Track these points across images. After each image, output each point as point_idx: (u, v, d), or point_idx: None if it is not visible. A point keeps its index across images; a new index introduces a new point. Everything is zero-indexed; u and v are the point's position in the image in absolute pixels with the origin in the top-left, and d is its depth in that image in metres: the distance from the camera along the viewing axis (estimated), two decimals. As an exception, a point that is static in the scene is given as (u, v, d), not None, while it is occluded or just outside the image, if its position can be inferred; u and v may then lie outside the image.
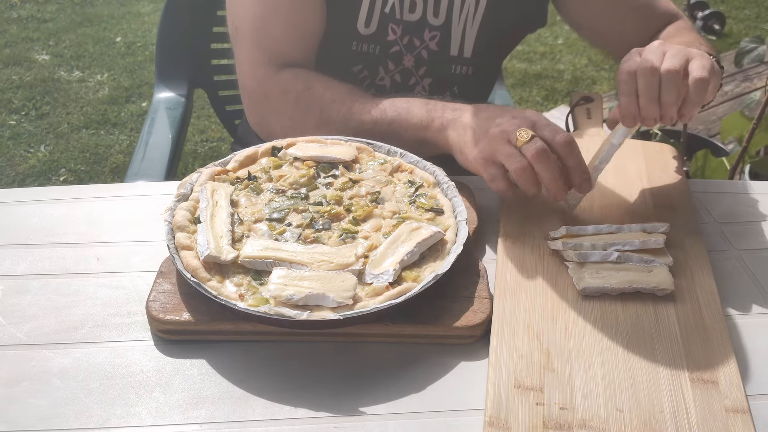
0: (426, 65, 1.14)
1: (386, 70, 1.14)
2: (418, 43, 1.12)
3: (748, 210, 0.99)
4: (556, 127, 0.87)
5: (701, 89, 0.84)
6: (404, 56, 1.13)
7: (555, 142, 0.85)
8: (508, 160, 0.86)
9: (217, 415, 0.69)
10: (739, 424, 0.67)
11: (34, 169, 2.68)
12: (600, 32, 1.21)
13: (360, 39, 1.11)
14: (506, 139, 0.86)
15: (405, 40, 1.12)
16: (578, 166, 0.87)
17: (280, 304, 0.74)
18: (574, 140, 0.86)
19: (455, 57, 1.15)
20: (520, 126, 0.86)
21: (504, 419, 0.67)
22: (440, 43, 1.13)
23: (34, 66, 3.36)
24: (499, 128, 0.88)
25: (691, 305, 0.80)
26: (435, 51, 1.13)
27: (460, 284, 0.81)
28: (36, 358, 0.74)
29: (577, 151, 0.86)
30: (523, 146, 0.84)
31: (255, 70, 1.06)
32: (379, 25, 1.10)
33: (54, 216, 0.95)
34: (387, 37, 1.11)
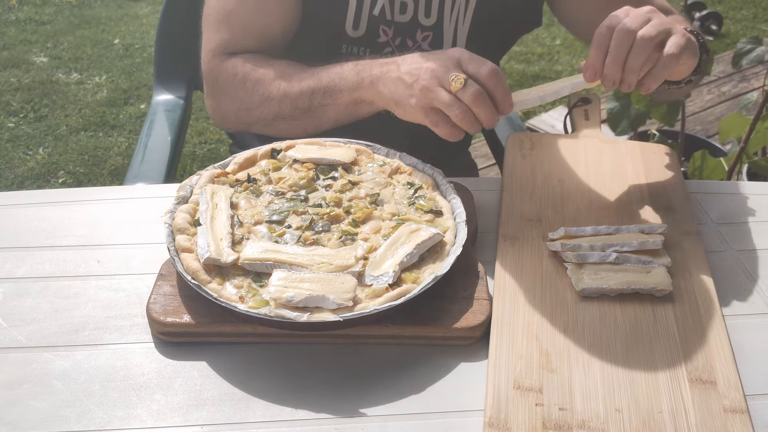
0: None
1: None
2: (411, 44, 1.13)
3: (746, 210, 0.99)
4: (480, 60, 0.88)
5: (668, 65, 0.84)
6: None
7: (481, 76, 0.86)
8: (448, 108, 0.86)
9: (217, 416, 0.69)
10: (737, 424, 0.67)
11: (33, 171, 2.68)
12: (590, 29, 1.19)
13: (350, 41, 1.12)
14: (440, 85, 0.87)
15: (397, 41, 1.12)
16: (504, 96, 0.87)
17: (280, 306, 0.74)
18: (498, 70, 0.87)
19: None
20: (447, 68, 0.87)
21: (504, 420, 0.67)
22: (433, 43, 1.13)
23: (32, 68, 3.36)
24: (429, 75, 0.88)
25: (689, 306, 0.80)
26: (427, 51, 1.13)
27: (460, 286, 0.81)
28: (37, 361, 0.75)
29: (503, 80, 0.87)
30: (459, 92, 0.85)
31: (210, 56, 1.10)
32: (369, 27, 1.10)
33: (54, 219, 0.95)
34: (378, 39, 1.11)
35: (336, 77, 0.99)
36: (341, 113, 0.99)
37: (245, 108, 1.06)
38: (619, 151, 1.08)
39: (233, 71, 1.07)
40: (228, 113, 1.10)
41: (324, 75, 1.00)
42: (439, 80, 0.87)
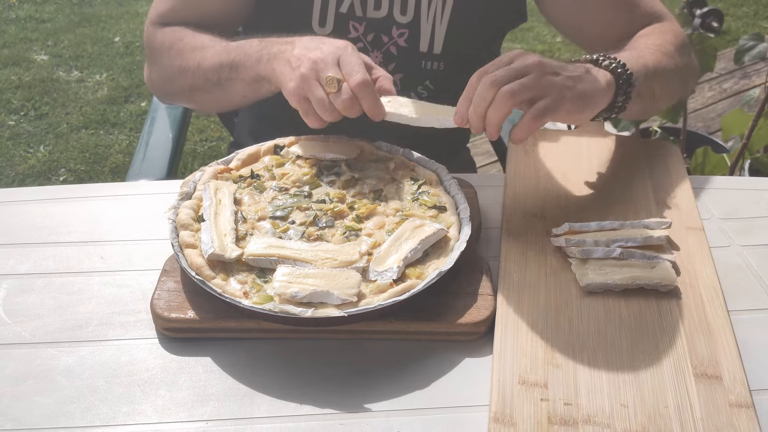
0: (396, 61, 1.14)
1: None
2: (386, 40, 1.12)
3: (750, 206, 0.99)
4: (355, 66, 0.87)
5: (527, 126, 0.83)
6: (370, 53, 1.12)
7: (350, 83, 0.86)
8: (319, 107, 0.87)
9: (222, 412, 0.69)
10: (743, 419, 0.67)
11: (34, 169, 2.68)
12: (578, 31, 1.18)
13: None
14: (316, 79, 0.88)
15: (370, 37, 1.12)
16: (372, 108, 0.88)
17: (284, 301, 0.74)
18: (368, 82, 0.87)
19: (425, 53, 1.14)
20: (327, 64, 0.87)
21: (509, 415, 0.67)
22: (409, 39, 1.12)
23: (32, 66, 3.36)
24: (310, 66, 0.88)
25: (693, 301, 0.80)
26: (404, 47, 1.13)
27: (464, 281, 0.81)
28: (41, 357, 0.74)
29: (370, 92, 0.87)
30: (332, 95, 0.86)
31: (147, 26, 1.13)
32: (336, 24, 1.10)
33: (57, 215, 0.95)
34: (348, 35, 1.11)
35: (241, 53, 0.99)
36: (246, 89, 1.00)
37: (167, 76, 1.09)
38: (622, 146, 1.08)
39: (162, 39, 1.09)
40: (156, 81, 1.13)
41: (233, 49, 1.01)
42: (318, 74, 0.88)
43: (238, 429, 0.68)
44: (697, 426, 0.67)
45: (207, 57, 1.03)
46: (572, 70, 0.87)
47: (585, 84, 0.86)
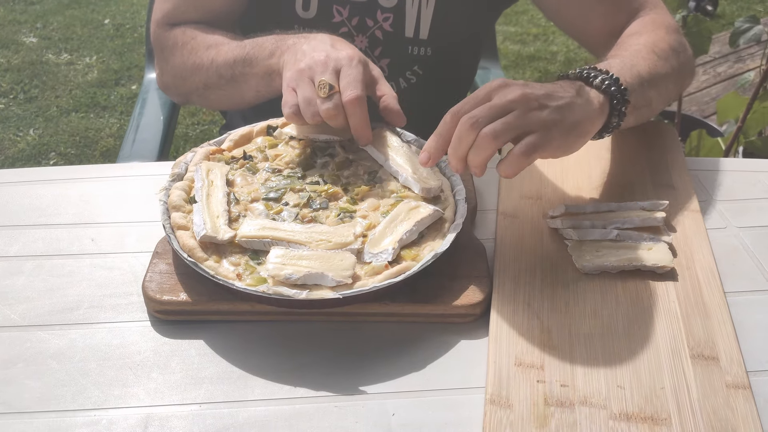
0: (381, 45, 1.12)
1: None
2: (371, 24, 1.10)
3: (747, 188, 0.99)
4: (353, 81, 0.85)
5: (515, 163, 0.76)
6: (355, 37, 1.11)
7: (344, 97, 0.84)
8: (303, 103, 0.85)
9: (216, 395, 0.69)
10: (740, 400, 0.67)
11: (24, 152, 2.65)
12: (565, 18, 1.16)
13: (301, 23, 1.10)
14: (310, 78, 0.86)
15: (354, 21, 1.10)
16: (359, 128, 0.86)
17: (278, 283, 0.73)
18: (361, 100, 0.84)
19: (411, 38, 1.12)
20: (325, 68, 0.86)
21: (505, 397, 0.67)
22: (394, 24, 1.11)
23: (21, 49, 3.32)
24: (309, 64, 0.87)
25: (690, 282, 0.80)
26: (390, 32, 1.11)
27: (460, 263, 0.80)
28: (31, 340, 0.73)
29: (361, 111, 0.85)
30: (320, 100, 0.84)
31: (154, 27, 1.11)
32: (320, 8, 1.09)
33: (47, 197, 0.94)
34: (332, 20, 1.09)
35: (255, 47, 0.98)
36: (260, 84, 0.98)
37: (181, 76, 1.08)
38: (617, 132, 1.06)
39: (174, 40, 1.08)
40: (169, 82, 1.12)
41: (247, 44, 1.00)
42: (314, 74, 0.86)
43: (231, 412, 0.67)
44: (694, 407, 0.66)
45: (221, 53, 1.02)
46: (561, 95, 0.79)
47: (575, 113, 0.79)
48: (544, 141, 0.76)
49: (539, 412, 0.66)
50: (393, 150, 0.90)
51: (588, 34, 1.14)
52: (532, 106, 0.77)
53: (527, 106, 0.76)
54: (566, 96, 0.80)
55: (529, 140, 0.75)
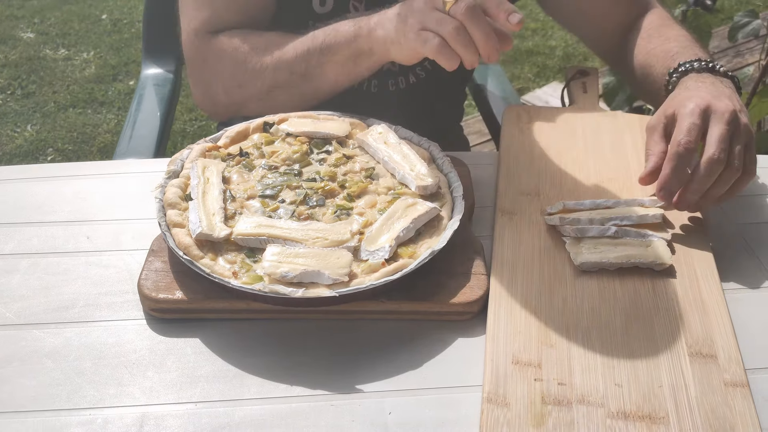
0: None
1: None
2: None
3: (746, 184, 0.98)
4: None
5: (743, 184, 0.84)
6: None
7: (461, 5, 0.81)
8: (439, 25, 0.82)
9: (211, 393, 0.68)
10: (738, 398, 0.67)
11: (21, 148, 2.64)
12: (574, 16, 1.17)
13: (316, 18, 1.08)
14: (433, 7, 0.84)
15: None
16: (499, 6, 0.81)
17: (274, 281, 0.73)
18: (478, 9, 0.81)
19: None
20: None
21: (502, 395, 0.67)
22: None
23: (19, 44, 3.30)
24: (420, 3, 0.85)
25: (689, 279, 0.79)
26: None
27: (457, 260, 0.80)
28: (26, 339, 0.73)
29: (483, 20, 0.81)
30: (452, 8, 0.81)
31: (193, 38, 1.05)
32: (336, 2, 1.06)
33: (42, 194, 0.93)
34: (348, 15, 1.08)
35: (332, 33, 0.96)
36: (340, 72, 0.96)
37: (237, 85, 1.02)
38: (617, 124, 1.06)
39: (221, 48, 1.03)
40: (218, 95, 1.06)
41: (319, 34, 0.97)
42: (433, 2, 0.83)
43: (227, 411, 0.67)
44: (692, 405, 0.66)
45: (287, 50, 0.98)
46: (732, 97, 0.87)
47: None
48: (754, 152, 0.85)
49: (536, 411, 0.65)
50: (390, 147, 0.90)
51: (595, 31, 1.16)
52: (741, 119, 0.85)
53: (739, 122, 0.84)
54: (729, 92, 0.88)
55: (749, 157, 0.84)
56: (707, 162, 0.81)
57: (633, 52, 1.08)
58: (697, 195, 0.82)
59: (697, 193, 0.82)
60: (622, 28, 1.13)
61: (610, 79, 1.90)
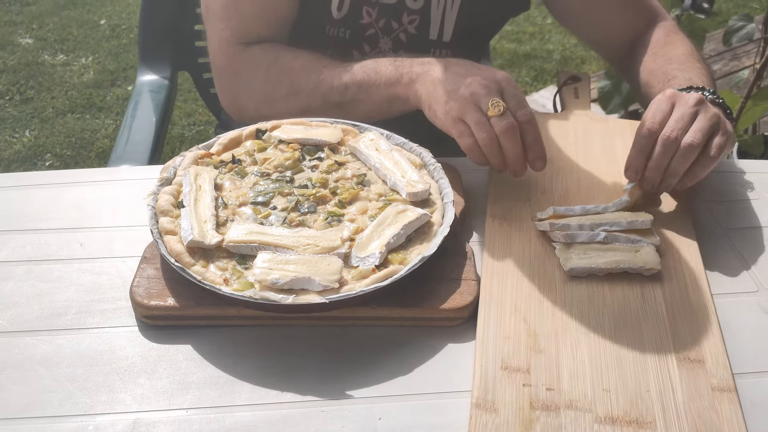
0: (404, 48, 1.13)
1: (362, 52, 1.12)
2: (396, 26, 1.11)
3: (736, 189, 0.99)
4: (522, 99, 0.87)
5: (708, 166, 0.86)
6: (380, 39, 1.11)
7: (517, 117, 0.85)
8: (477, 127, 0.85)
9: (203, 400, 0.69)
10: (725, 403, 0.67)
11: (20, 154, 2.65)
12: (582, 23, 1.19)
13: (333, 23, 1.10)
14: (476, 104, 0.86)
15: (381, 23, 1.10)
16: (535, 144, 0.87)
17: (265, 288, 0.73)
18: (534, 118, 0.86)
19: (434, 41, 1.13)
20: (489, 91, 0.86)
21: (491, 401, 0.67)
22: (419, 26, 1.11)
23: (17, 50, 3.31)
24: (469, 90, 0.87)
25: (678, 285, 0.80)
26: (414, 35, 1.12)
27: (447, 266, 0.80)
28: (19, 346, 0.74)
29: (536, 129, 0.87)
30: (493, 119, 0.84)
31: (225, 48, 1.06)
32: (351, 8, 1.08)
33: (36, 201, 0.94)
34: (361, 20, 1.09)
35: (372, 72, 0.98)
36: (373, 110, 0.98)
37: (268, 101, 1.04)
38: (608, 129, 1.07)
39: (254, 63, 1.04)
40: (246, 106, 1.06)
41: (358, 70, 0.99)
42: (477, 100, 0.86)
43: (218, 417, 0.67)
44: (679, 410, 0.67)
45: (324, 79, 1.00)
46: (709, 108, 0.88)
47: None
48: (724, 139, 0.86)
49: (525, 416, 0.66)
50: (381, 153, 0.90)
51: (604, 39, 1.19)
52: (709, 108, 0.87)
53: (707, 108, 0.86)
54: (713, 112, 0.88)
55: (717, 142, 0.85)
56: (662, 139, 0.84)
57: (639, 68, 1.10)
58: (657, 172, 0.85)
59: (656, 170, 0.85)
60: (628, 37, 1.15)
61: (606, 83, 1.91)
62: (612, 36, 1.17)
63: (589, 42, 1.25)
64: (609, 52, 1.22)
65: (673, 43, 1.10)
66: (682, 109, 0.86)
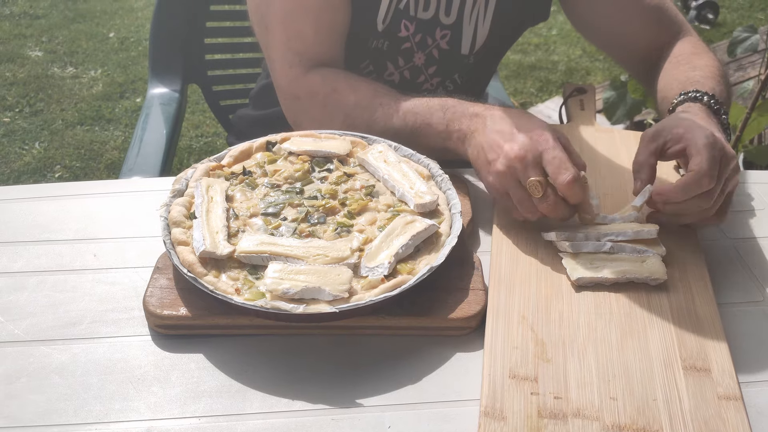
0: (436, 64, 1.14)
1: (396, 66, 1.14)
2: (430, 42, 1.12)
3: (741, 199, 0.99)
4: (562, 162, 0.82)
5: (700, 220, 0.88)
6: (415, 53, 1.13)
7: (558, 184, 0.83)
8: (520, 206, 0.86)
9: (215, 408, 0.70)
10: (731, 411, 0.68)
11: (29, 166, 2.68)
12: (607, 35, 1.19)
13: (376, 35, 1.11)
14: (516, 179, 0.85)
15: (417, 37, 1.12)
16: (582, 205, 0.86)
17: (276, 297, 0.75)
18: (577, 179, 0.82)
19: (466, 55, 1.15)
20: (525, 164, 0.83)
21: (499, 409, 0.68)
22: (451, 41, 1.13)
23: (27, 63, 3.35)
24: (505, 164, 0.85)
25: (684, 294, 0.81)
26: (445, 50, 1.13)
27: (455, 276, 0.81)
28: (34, 355, 0.75)
29: (579, 189, 0.83)
30: (536, 200, 0.84)
31: (287, 71, 1.07)
32: (393, 20, 1.10)
33: (49, 213, 0.95)
34: (399, 33, 1.11)
35: (423, 122, 0.97)
36: (429, 152, 0.97)
37: (322, 125, 1.04)
38: (614, 140, 1.08)
39: (312, 90, 1.05)
40: (302, 127, 1.06)
41: (410, 116, 0.98)
42: (517, 174, 0.85)
43: (230, 425, 0.68)
44: (686, 418, 0.67)
45: (377, 117, 1.00)
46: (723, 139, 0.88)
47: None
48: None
49: (533, 425, 0.66)
50: (390, 165, 0.92)
51: (629, 51, 1.18)
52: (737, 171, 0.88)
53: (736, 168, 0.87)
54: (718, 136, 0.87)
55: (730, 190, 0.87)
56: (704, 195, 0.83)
57: (660, 75, 1.09)
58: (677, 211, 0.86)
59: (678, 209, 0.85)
60: (652, 51, 1.14)
61: (611, 93, 1.92)
62: (637, 49, 1.16)
63: (611, 54, 1.24)
64: (633, 65, 1.20)
65: (698, 54, 1.09)
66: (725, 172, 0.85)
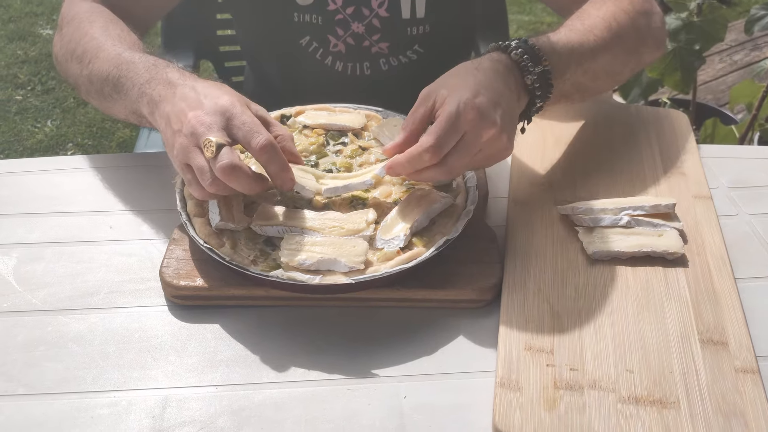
0: (379, 32, 1.12)
1: (336, 37, 1.12)
2: (367, 12, 1.10)
3: (758, 175, 0.99)
4: (254, 126, 0.75)
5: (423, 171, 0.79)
6: (352, 24, 1.11)
7: (251, 149, 0.75)
8: (199, 174, 0.74)
9: (232, 377, 0.70)
10: (748, 384, 0.68)
11: (42, 143, 2.68)
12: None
13: (300, 10, 1.09)
14: (196, 145, 0.74)
15: (349, 10, 1.09)
16: (279, 173, 0.76)
17: (292, 269, 0.75)
18: (272, 143, 0.75)
19: (408, 20, 1.12)
20: (209, 127, 0.74)
21: (515, 380, 0.68)
22: (390, 8, 1.09)
23: (38, 41, 3.35)
24: (189, 132, 0.74)
25: (701, 269, 0.80)
26: (386, 17, 1.10)
27: (471, 249, 0.81)
28: (52, 324, 0.75)
29: (276, 154, 0.75)
30: (211, 160, 0.73)
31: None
32: None
33: (66, 185, 0.96)
34: (327, 7, 1.08)
35: (127, 74, 0.86)
36: (128, 116, 0.89)
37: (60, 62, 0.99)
38: (629, 115, 1.07)
39: (70, 15, 0.98)
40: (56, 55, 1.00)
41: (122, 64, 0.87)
42: (197, 139, 0.74)
43: (247, 394, 0.69)
44: (702, 391, 0.67)
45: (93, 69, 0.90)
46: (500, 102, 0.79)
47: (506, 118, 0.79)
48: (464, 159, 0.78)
49: (549, 395, 0.67)
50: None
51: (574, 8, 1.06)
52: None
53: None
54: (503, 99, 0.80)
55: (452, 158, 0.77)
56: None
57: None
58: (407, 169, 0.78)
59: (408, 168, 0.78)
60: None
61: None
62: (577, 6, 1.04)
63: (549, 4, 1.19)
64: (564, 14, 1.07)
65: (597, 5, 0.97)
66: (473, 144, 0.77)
